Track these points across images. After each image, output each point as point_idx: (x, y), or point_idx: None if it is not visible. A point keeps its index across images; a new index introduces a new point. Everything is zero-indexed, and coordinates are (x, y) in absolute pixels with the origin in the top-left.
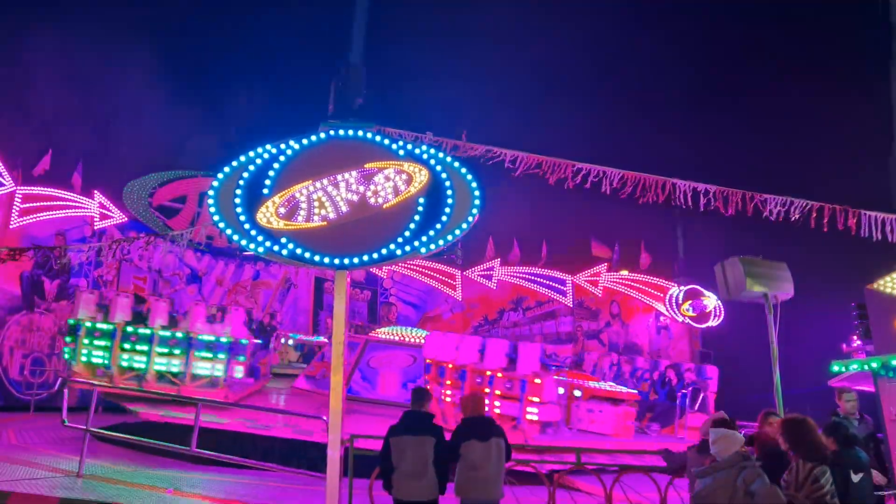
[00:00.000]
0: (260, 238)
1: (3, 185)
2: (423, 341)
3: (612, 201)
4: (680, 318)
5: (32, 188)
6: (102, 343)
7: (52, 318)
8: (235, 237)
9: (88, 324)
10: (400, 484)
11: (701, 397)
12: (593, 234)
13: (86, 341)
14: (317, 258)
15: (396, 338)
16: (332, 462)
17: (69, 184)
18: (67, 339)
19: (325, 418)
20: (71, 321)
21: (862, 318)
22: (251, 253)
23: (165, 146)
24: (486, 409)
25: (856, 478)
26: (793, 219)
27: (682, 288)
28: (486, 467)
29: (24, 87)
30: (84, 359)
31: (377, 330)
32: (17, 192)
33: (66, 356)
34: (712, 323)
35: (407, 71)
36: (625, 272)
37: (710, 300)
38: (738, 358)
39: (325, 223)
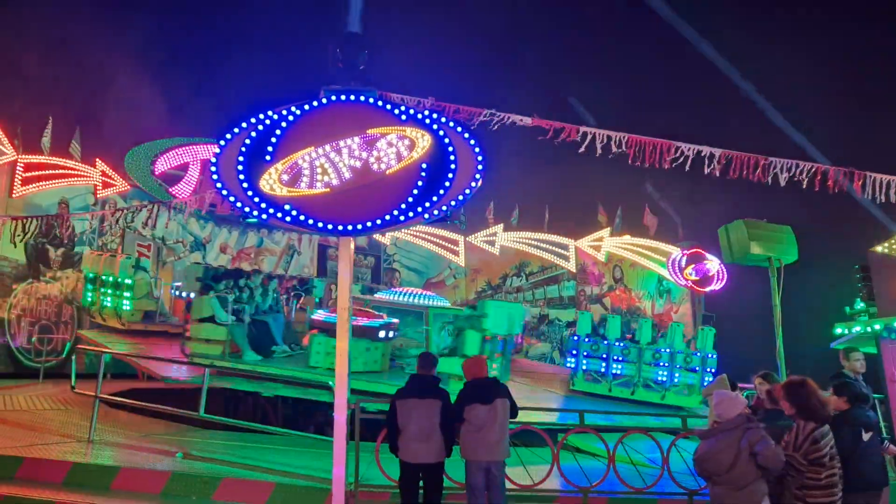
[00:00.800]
0: (263, 205)
1: (5, 153)
2: (429, 303)
3: (615, 165)
4: (682, 283)
5: (34, 157)
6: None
7: (58, 285)
8: (239, 204)
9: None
10: (407, 446)
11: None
12: (598, 199)
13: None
14: (320, 224)
15: (401, 299)
16: (338, 426)
17: (69, 152)
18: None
19: (330, 383)
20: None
21: (865, 280)
22: (255, 220)
23: (164, 112)
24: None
25: (866, 436)
26: (797, 181)
27: (684, 252)
28: (490, 429)
29: (21, 53)
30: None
31: (378, 294)
32: (19, 160)
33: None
34: (715, 287)
35: (407, 35)
36: (627, 237)
37: (713, 264)
38: (741, 321)
39: (329, 189)
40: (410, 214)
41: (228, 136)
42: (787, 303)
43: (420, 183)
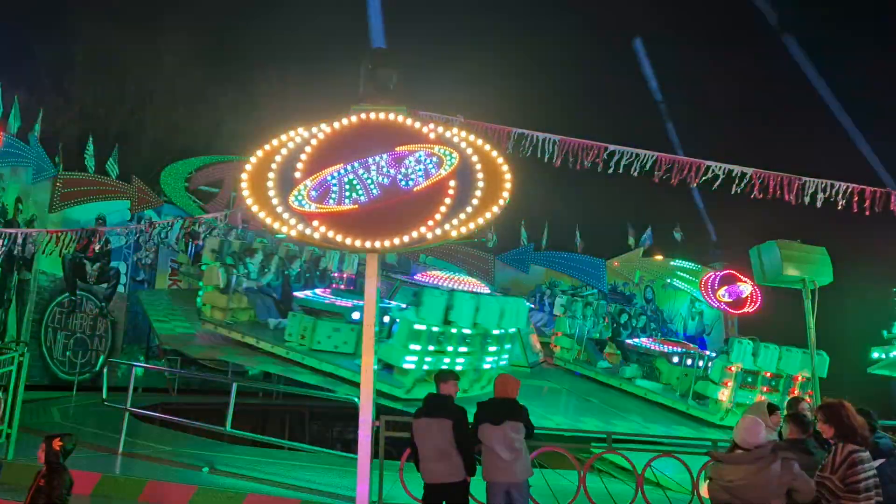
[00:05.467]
0: (292, 221)
1: (46, 170)
2: (457, 286)
3: (646, 184)
4: (715, 304)
5: (73, 174)
6: None
7: (94, 299)
8: (268, 220)
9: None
10: (425, 467)
11: None
12: (628, 219)
13: None
14: (348, 241)
15: (430, 280)
16: (362, 443)
17: (106, 169)
18: None
19: (356, 399)
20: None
21: None
22: (284, 236)
23: (200, 130)
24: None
25: (874, 463)
26: (833, 202)
27: (717, 273)
28: (503, 450)
29: (65, 73)
30: None
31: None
32: (59, 177)
33: None
34: (748, 309)
35: (437, 53)
36: (659, 257)
37: (747, 286)
38: (776, 343)
39: (357, 206)
40: (438, 232)
41: (259, 152)
42: (822, 326)
43: (448, 200)
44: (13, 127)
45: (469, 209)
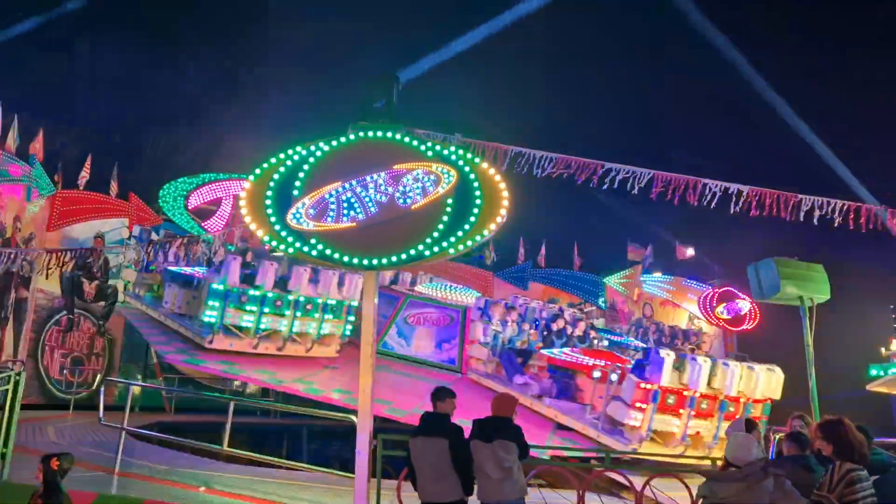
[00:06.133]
0: (290, 239)
1: (45, 188)
2: (464, 301)
3: (644, 202)
4: (713, 321)
5: (72, 192)
6: None
7: (92, 318)
8: (266, 238)
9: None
10: (422, 486)
11: None
12: (627, 236)
13: None
14: (346, 259)
15: (437, 296)
16: (360, 463)
17: (106, 187)
18: None
19: (353, 418)
20: None
21: None
22: (282, 254)
23: (200, 148)
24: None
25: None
26: (830, 219)
27: (715, 290)
28: (492, 469)
29: (66, 92)
30: None
31: (418, 286)
32: (58, 195)
33: None
34: (747, 326)
35: (435, 72)
36: (658, 274)
37: (745, 303)
38: (774, 361)
39: (354, 224)
40: (436, 249)
41: (258, 171)
42: (820, 343)
43: (445, 218)
44: (13, 145)
45: (467, 226)
